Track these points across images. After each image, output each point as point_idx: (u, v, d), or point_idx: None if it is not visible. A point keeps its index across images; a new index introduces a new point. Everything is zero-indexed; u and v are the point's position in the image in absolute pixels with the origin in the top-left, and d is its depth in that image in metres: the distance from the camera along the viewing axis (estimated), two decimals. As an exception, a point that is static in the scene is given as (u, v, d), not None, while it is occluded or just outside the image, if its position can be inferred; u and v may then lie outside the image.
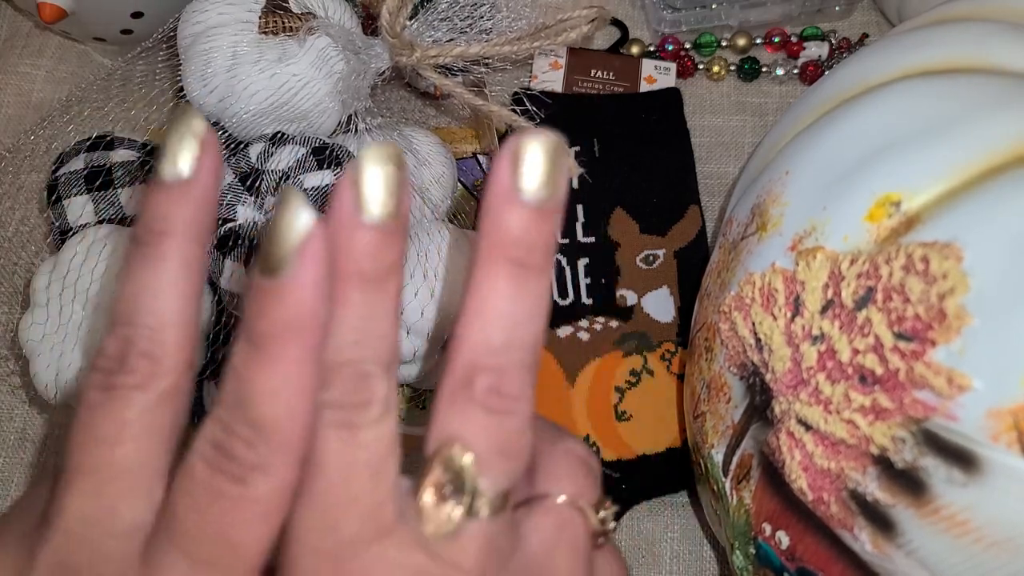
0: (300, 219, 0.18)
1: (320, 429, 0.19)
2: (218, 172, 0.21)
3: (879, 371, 0.24)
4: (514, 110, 0.37)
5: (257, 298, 0.19)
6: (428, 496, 0.19)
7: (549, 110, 0.39)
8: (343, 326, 0.19)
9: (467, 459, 0.19)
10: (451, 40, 0.37)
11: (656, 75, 0.49)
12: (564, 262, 0.44)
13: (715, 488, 0.32)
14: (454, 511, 0.19)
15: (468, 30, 0.37)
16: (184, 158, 0.20)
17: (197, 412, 0.36)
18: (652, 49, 0.51)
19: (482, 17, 0.37)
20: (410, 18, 0.37)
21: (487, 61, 0.37)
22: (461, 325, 0.20)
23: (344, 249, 0.19)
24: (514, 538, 0.21)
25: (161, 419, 0.20)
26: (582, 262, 0.44)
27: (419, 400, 0.40)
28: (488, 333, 0.20)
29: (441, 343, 0.37)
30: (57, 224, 0.36)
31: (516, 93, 0.45)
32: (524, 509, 0.22)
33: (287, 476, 0.19)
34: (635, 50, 0.51)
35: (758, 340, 0.28)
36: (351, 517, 0.19)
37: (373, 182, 0.19)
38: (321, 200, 0.33)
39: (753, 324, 0.28)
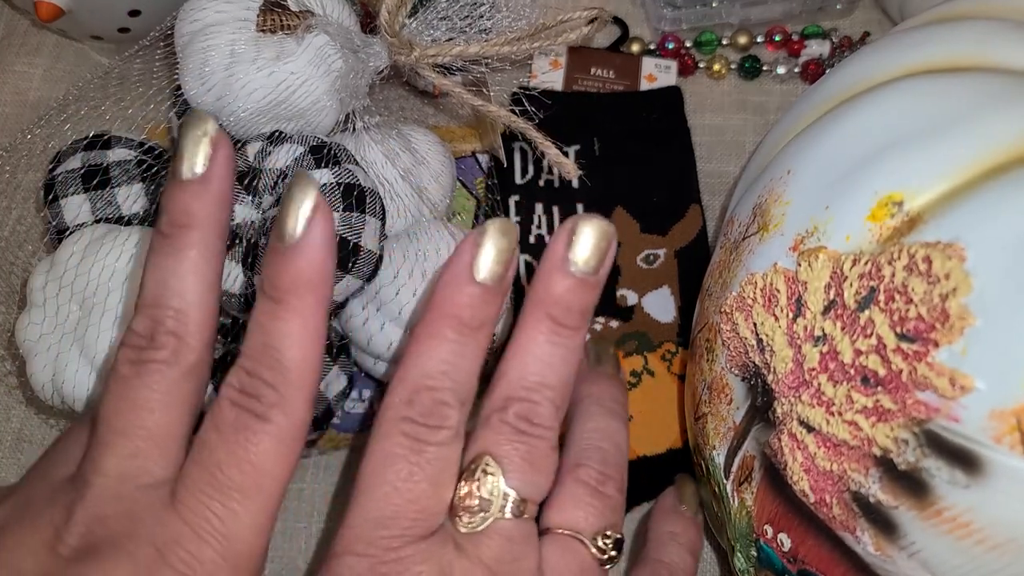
0: (309, 193, 0.22)
1: (395, 435, 0.23)
2: (231, 168, 0.24)
3: (882, 372, 0.24)
4: (513, 110, 0.37)
5: (274, 260, 0.22)
6: (463, 500, 0.23)
7: (549, 109, 0.39)
8: (434, 357, 0.23)
9: (496, 468, 0.23)
10: (450, 39, 0.37)
11: (657, 73, 0.49)
12: (564, 262, 0.44)
13: (716, 490, 0.31)
14: (482, 512, 0.23)
15: (467, 29, 0.37)
16: (200, 158, 0.23)
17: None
18: (652, 47, 0.51)
19: (482, 16, 0.37)
20: (409, 16, 0.36)
21: (486, 61, 0.36)
22: (503, 364, 0.24)
23: (451, 296, 0.23)
24: (533, 553, 0.24)
25: (186, 390, 0.23)
26: (582, 262, 0.44)
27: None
28: (524, 372, 0.24)
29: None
30: (54, 223, 0.36)
31: (515, 93, 0.45)
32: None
33: (303, 413, 0.22)
34: (635, 48, 0.50)
35: (760, 341, 0.28)
36: (406, 516, 0.22)
37: (489, 249, 0.23)
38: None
39: (755, 325, 0.28)
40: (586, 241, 0.24)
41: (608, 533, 0.25)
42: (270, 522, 0.23)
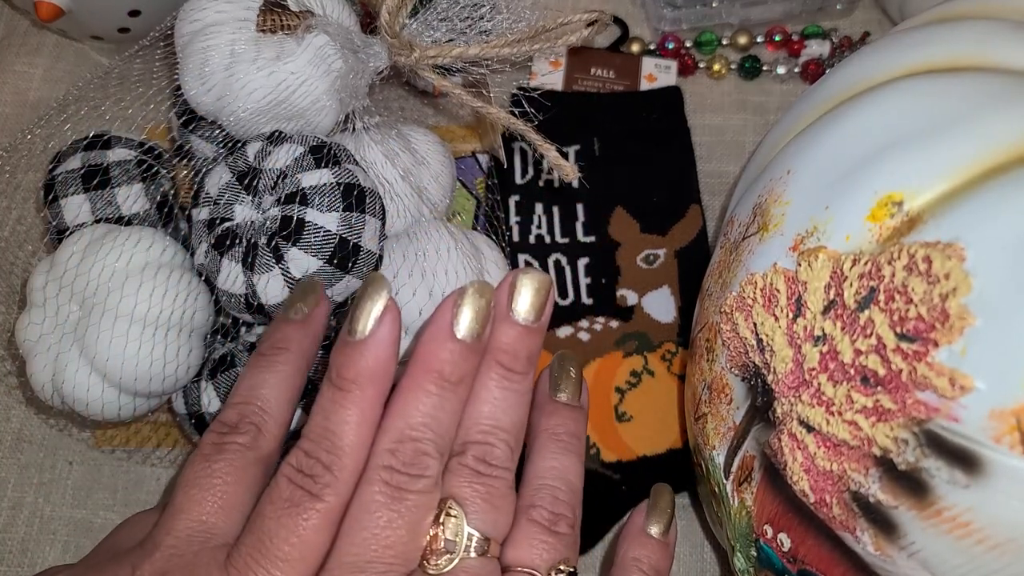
0: (382, 294, 0.24)
1: (375, 482, 0.24)
2: (326, 317, 0.29)
3: (881, 372, 0.24)
4: (513, 111, 0.37)
5: (343, 352, 0.25)
6: (430, 544, 0.24)
7: (549, 110, 0.39)
8: (417, 409, 0.25)
9: (458, 511, 0.25)
10: (450, 40, 0.37)
11: (657, 73, 0.49)
12: (564, 262, 0.44)
13: (716, 490, 0.31)
14: (448, 553, 0.24)
15: (468, 31, 0.37)
16: (306, 307, 0.28)
17: (197, 408, 0.35)
18: (652, 47, 0.51)
19: (482, 18, 0.37)
20: (409, 17, 0.36)
21: (486, 62, 0.36)
22: (461, 412, 0.26)
23: (433, 352, 0.25)
24: None
25: (255, 472, 0.26)
26: (582, 262, 0.44)
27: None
28: (478, 417, 0.26)
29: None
30: (54, 223, 0.36)
31: (515, 93, 0.45)
32: None
33: (348, 493, 0.24)
34: (635, 48, 0.50)
35: (760, 341, 0.28)
36: (383, 559, 0.24)
37: (468, 309, 0.25)
38: (319, 197, 0.33)
39: (755, 325, 0.28)
40: (526, 293, 0.26)
41: (561, 567, 0.26)
42: None
